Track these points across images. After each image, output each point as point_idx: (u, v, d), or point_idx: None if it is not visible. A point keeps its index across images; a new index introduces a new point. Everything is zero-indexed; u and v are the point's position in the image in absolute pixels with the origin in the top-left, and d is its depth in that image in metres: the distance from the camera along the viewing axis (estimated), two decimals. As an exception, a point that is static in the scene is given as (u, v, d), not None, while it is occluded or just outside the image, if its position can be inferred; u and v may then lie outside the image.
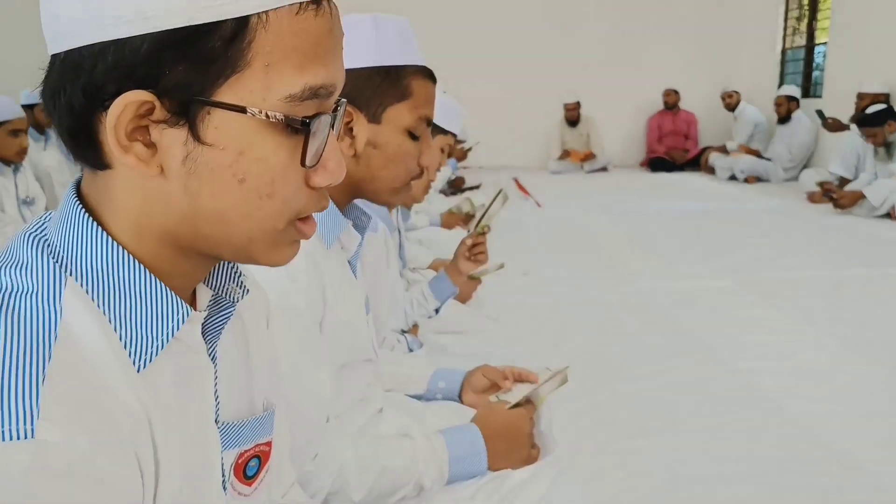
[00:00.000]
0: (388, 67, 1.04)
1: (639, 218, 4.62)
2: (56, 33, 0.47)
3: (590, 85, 7.61)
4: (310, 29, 0.48)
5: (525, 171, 7.44)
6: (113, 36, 0.44)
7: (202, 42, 0.44)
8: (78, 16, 0.44)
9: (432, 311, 1.92)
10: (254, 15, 0.45)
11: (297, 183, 0.50)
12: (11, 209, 2.84)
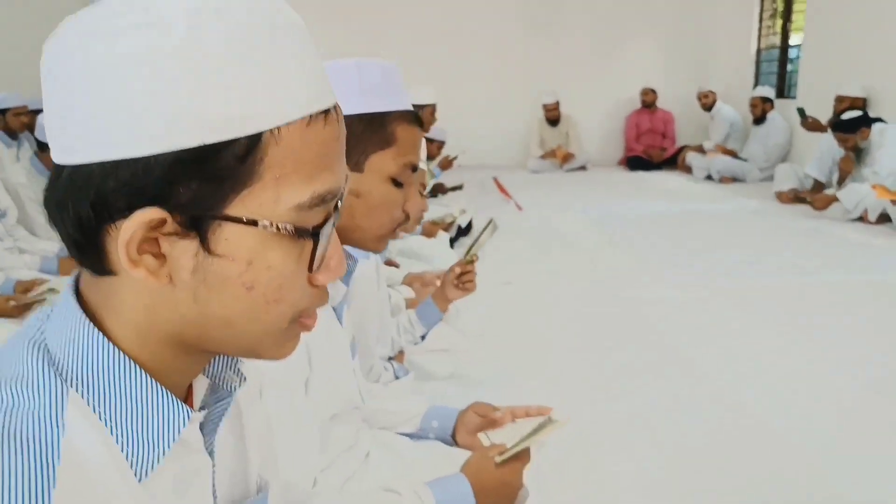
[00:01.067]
0: (372, 115, 1.03)
1: (618, 220, 4.66)
2: (64, 146, 0.46)
3: (569, 83, 7.65)
4: (319, 139, 0.48)
5: (504, 169, 7.46)
6: (126, 155, 0.43)
7: (215, 160, 0.44)
8: (90, 132, 0.44)
9: (419, 337, 1.92)
10: (266, 131, 0.45)
11: (303, 285, 0.50)
12: (-18, 224, 2.78)
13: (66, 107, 0.45)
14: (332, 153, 0.50)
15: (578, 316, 2.78)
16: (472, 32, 7.67)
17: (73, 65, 0.44)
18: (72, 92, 0.44)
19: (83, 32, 0.44)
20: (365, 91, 1.03)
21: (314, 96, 0.48)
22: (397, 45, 7.54)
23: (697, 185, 6.33)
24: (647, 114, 7.58)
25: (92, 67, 0.43)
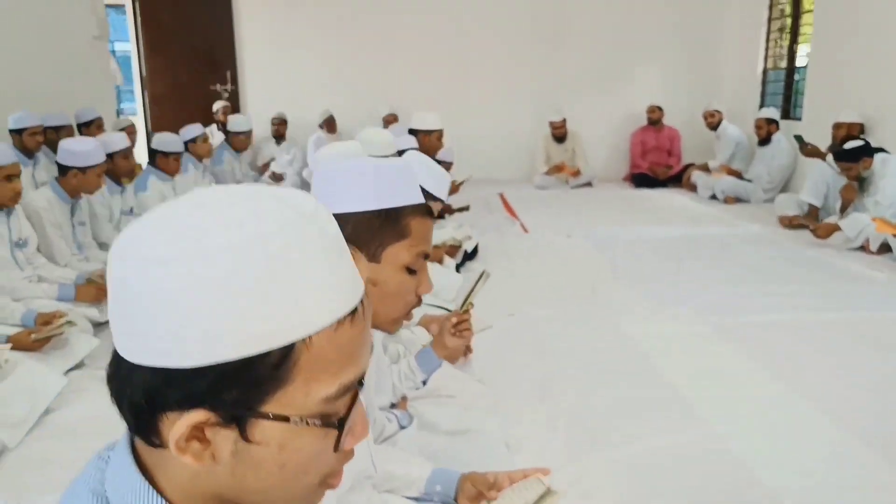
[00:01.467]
0: (388, 210, 1.11)
1: (621, 245, 4.71)
2: (126, 345, 0.53)
3: (576, 100, 7.72)
4: (346, 338, 0.54)
5: (510, 183, 7.52)
6: (176, 365, 0.50)
7: (253, 369, 0.51)
8: (147, 341, 0.51)
9: (419, 383, 2.00)
10: (299, 340, 0.51)
11: (330, 456, 0.57)
12: (4, 252, 2.86)
13: (128, 314, 0.52)
14: (358, 347, 0.56)
15: (579, 351, 2.84)
16: (481, 48, 7.74)
17: (134, 282, 0.51)
18: (131, 304, 0.51)
19: (143, 256, 0.51)
20: (381, 190, 1.11)
21: (343, 301, 0.54)
22: (407, 59, 7.64)
23: (701, 206, 6.38)
24: (652, 131, 7.63)
25: (149, 289, 0.50)
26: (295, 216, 0.53)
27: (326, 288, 0.53)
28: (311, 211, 0.55)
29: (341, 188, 1.12)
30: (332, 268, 0.54)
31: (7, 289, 2.74)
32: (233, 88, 7.65)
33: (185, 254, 0.50)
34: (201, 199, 0.54)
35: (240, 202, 0.53)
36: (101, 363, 2.70)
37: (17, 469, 1.97)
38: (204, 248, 0.50)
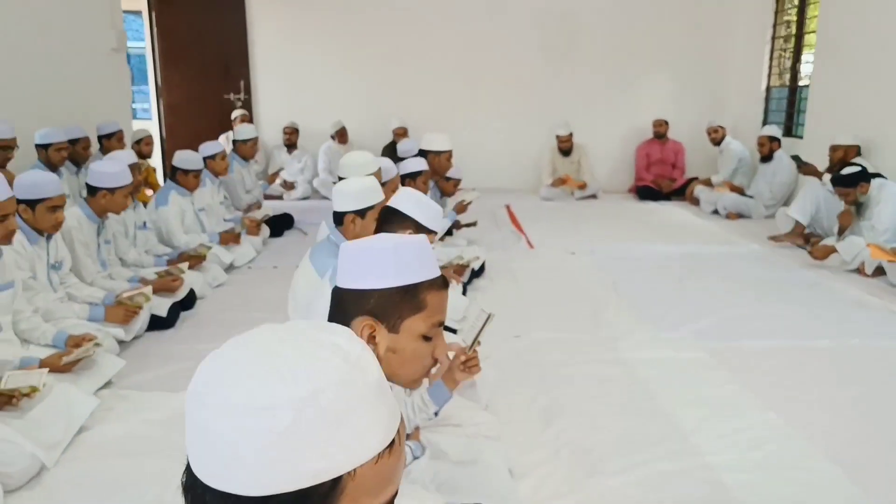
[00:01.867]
0: (406, 287, 1.23)
1: (624, 263, 4.84)
2: (200, 469, 0.63)
3: (583, 112, 7.85)
4: (385, 467, 0.65)
5: (516, 194, 7.66)
6: (242, 493, 0.60)
7: (307, 498, 0.61)
8: (219, 470, 0.61)
9: (432, 414, 2.13)
10: (345, 473, 0.61)
11: None
12: (41, 275, 3.01)
13: (205, 448, 0.62)
14: (394, 471, 0.67)
15: (581, 378, 2.96)
16: (490, 62, 7.88)
17: (210, 425, 0.62)
18: (209, 442, 0.62)
19: (217, 405, 0.61)
20: (401, 268, 1.23)
21: (382, 437, 0.65)
22: (418, 72, 7.77)
23: (703, 221, 6.50)
24: (657, 144, 7.75)
25: (223, 432, 0.61)
26: (345, 367, 0.64)
27: (369, 428, 0.64)
28: (356, 357, 0.66)
29: (364, 266, 1.24)
30: (374, 409, 0.65)
31: (42, 310, 2.89)
32: (246, 98, 7.80)
33: (252, 407, 0.61)
34: (266, 347, 0.66)
35: (299, 355, 0.64)
36: (127, 382, 2.85)
37: (55, 488, 2.11)
38: (268, 404, 0.60)
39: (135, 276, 3.70)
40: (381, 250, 1.24)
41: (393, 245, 1.25)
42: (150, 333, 3.40)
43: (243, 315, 3.76)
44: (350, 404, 0.62)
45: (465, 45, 7.80)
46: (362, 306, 1.22)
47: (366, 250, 1.25)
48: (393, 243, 1.25)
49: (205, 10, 7.48)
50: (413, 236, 1.32)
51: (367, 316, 1.22)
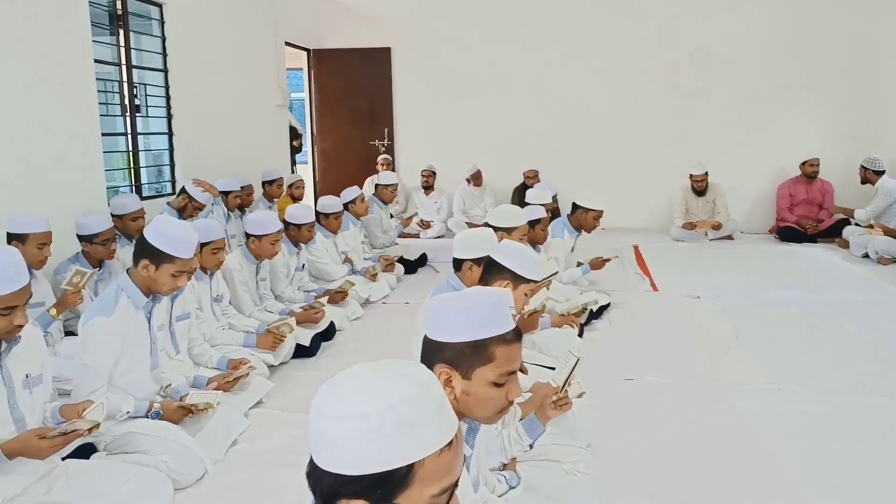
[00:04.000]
0: (476, 342, 1.41)
1: (751, 309, 4.71)
2: (323, 460, 0.91)
3: (719, 151, 7.71)
4: (446, 459, 0.91)
5: (646, 234, 7.60)
6: (347, 472, 0.89)
7: (391, 478, 0.89)
8: (332, 457, 0.89)
9: (526, 446, 2.32)
10: (416, 462, 0.88)
11: None
12: (206, 307, 3.57)
13: (323, 442, 0.91)
14: (453, 464, 0.93)
15: (690, 425, 2.96)
16: (623, 99, 7.97)
17: (325, 425, 0.91)
18: (325, 439, 0.91)
19: (328, 413, 0.90)
20: (471, 324, 1.42)
21: (443, 438, 0.91)
22: (550, 113, 8.02)
23: (851, 265, 6.10)
24: (803, 183, 7.40)
25: (334, 431, 0.90)
26: (414, 388, 0.92)
27: (432, 431, 0.91)
28: (424, 382, 0.94)
29: (442, 320, 1.45)
30: (436, 417, 0.92)
31: (207, 336, 3.44)
32: (389, 143, 8.46)
33: (351, 414, 0.89)
34: (362, 376, 0.95)
35: (383, 380, 0.93)
36: (274, 403, 3.29)
37: (212, 491, 2.53)
38: (361, 412, 0.89)
39: (286, 309, 4.21)
40: (455, 308, 1.44)
41: (466, 303, 1.44)
42: (295, 360, 3.86)
43: (375, 346, 4.15)
44: (417, 413, 0.88)
45: (595, 82, 7.96)
46: (441, 355, 1.44)
47: (444, 306, 1.46)
48: (467, 301, 1.45)
49: (356, 66, 8.26)
50: (492, 292, 1.53)
51: (444, 364, 1.44)
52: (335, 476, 0.89)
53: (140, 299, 2.64)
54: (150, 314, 2.73)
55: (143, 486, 2.30)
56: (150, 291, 2.65)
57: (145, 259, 2.59)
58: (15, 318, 1.99)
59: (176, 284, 2.64)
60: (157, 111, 5.36)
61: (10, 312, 1.98)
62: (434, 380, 0.96)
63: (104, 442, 2.60)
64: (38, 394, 2.23)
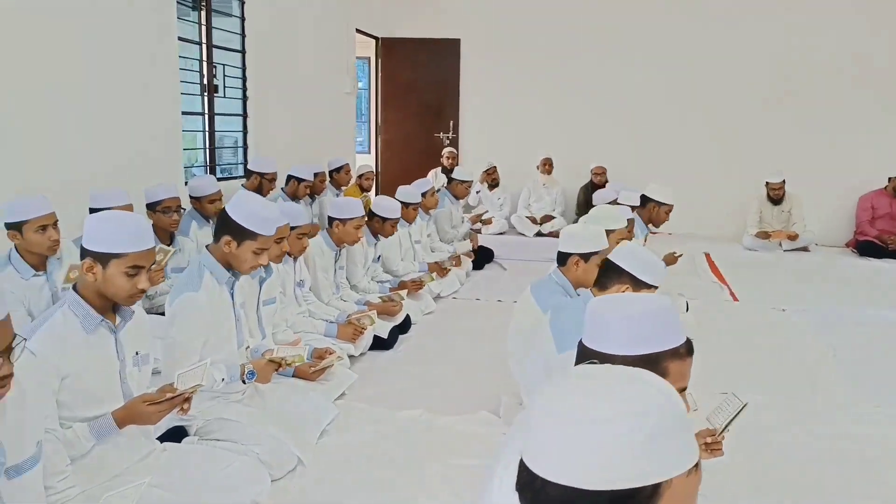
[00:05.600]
0: (648, 356, 1.28)
1: (842, 325, 4.48)
2: (541, 463, 0.78)
3: (798, 160, 7.40)
4: (692, 483, 0.77)
5: (716, 241, 7.35)
6: (584, 486, 0.75)
7: (635, 497, 0.75)
8: (563, 468, 0.76)
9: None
10: (665, 481, 0.75)
11: None
12: (289, 291, 3.50)
13: (553, 449, 0.78)
14: (696, 491, 0.79)
15: (796, 449, 2.79)
16: (696, 102, 7.72)
17: (558, 431, 0.77)
18: (557, 446, 0.77)
19: (564, 416, 0.77)
20: (640, 338, 1.29)
21: (692, 456, 0.76)
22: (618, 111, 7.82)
23: (941, 285, 5.79)
24: (886, 196, 7.06)
25: (570, 438, 0.76)
26: (661, 396, 0.78)
27: (681, 448, 0.77)
28: (667, 391, 0.80)
29: (606, 330, 1.31)
30: (684, 432, 0.78)
31: (289, 322, 3.37)
32: (454, 136, 8.33)
33: (595, 419, 0.76)
34: (596, 378, 0.83)
35: (626, 383, 0.80)
36: (357, 395, 3.20)
37: (305, 484, 2.45)
38: (608, 417, 0.76)
39: (361, 299, 4.13)
40: (621, 318, 1.30)
41: (634, 312, 1.30)
42: (371, 352, 3.77)
43: (451, 342, 4.05)
44: (668, 424, 0.76)
45: (667, 85, 7.74)
46: None
47: (608, 315, 1.32)
48: (634, 312, 1.31)
49: (424, 57, 8.14)
50: (659, 300, 1.39)
51: None
52: (565, 489, 0.77)
53: (222, 275, 2.57)
54: (233, 290, 2.66)
55: (242, 474, 2.23)
56: (231, 268, 2.59)
57: (227, 235, 2.52)
58: (139, 280, 1.94)
59: (257, 262, 2.57)
60: (234, 92, 5.33)
61: (136, 273, 1.93)
62: (674, 390, 0.82)
63: (195, 426, 2.54)
64: (145, 373, 2.19)
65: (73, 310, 1.94)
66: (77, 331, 1.93)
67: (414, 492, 2.41)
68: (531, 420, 0.82)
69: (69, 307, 1.95)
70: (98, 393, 1.98)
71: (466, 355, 3.82)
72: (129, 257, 1.91)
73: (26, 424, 1.57)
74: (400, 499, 2.37)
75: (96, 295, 1.96)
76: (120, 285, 1.92)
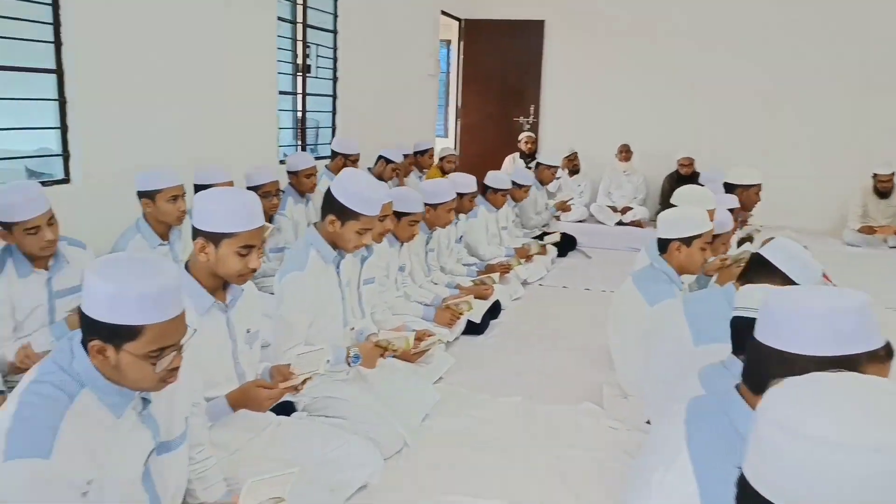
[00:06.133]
0: (842, 357, 1.13)
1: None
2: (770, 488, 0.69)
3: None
4: None
5: (811, 235, 6.97)
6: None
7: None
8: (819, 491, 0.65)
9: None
10: None
11: None
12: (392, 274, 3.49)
13: (778, 468, 0.68)
14: None
15: None
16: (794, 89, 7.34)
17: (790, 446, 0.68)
18: (786, 464, 0.68)
19: (815, 435, 0.66)
20: (836, 338, 1.14)
21: None
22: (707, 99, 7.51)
23: None
24: None
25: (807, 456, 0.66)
26: None
27: None
28: None
29: (798, 329, 1.16)
30: None
31: (389, 304, 3.35)
32: (534, 121, 8.18)
33: (855, 446, 0.64)
34: (858, 393, 0.71)
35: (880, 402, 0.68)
36: (454, 379, 3.16)
37: (412, 466, 2.41)
38: (875, 446, 0.64)
39: (451, 281, 4.08)
40: (815, 315, 1.16)
41: (831, 310, 1.16)
42: (464, 337, 3.71)
43: (542, 329, 3.97)
44: None
45: (760, 73, 7.35)
46: (788, 369, 1.10)
47: (798, 310, 1.18)
48: (830, 308, 1.16)
49: (507, 38, 8.00)
50: (854, 296, 1.24)
51: None
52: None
53: (329, 253, 2.55)
54: (339, 269, 2.64)
55: (357, 453, 2.21)
56: (336, 247, 2.56)
57: (332, 215, 2.49)
58: (251, 260, 1.91)
59: (361, 242, 2.53)
60: (325, 72, 5.34)
61: (247, 252, 1.90)
62: None
63: (303, 402, 2.54)
64: (255, 350, 2.18)
65: (184, 292, 1.93)
66: (190, 313, 1.93)
67: (524, 481, 2.35)
68: (760, 434, 0.72)
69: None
70: (214, 376, 1.98)
71: (559, 343, 3.73)
72: (241, 237, 1.88)
73: (177, 402, 1.57)
74: (511, 487, 2.31)
75: (208, 275, 1.94)
76: (231, 265, 1.90)
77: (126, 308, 1.32)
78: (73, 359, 1.38)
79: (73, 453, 1.29)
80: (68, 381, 1.36)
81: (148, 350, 1.35)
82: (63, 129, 3.19)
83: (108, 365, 1.36)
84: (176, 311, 1.39)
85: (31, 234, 2.33)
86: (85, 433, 1.33)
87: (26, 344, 2.39)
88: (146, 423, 1.50)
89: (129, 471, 1.47)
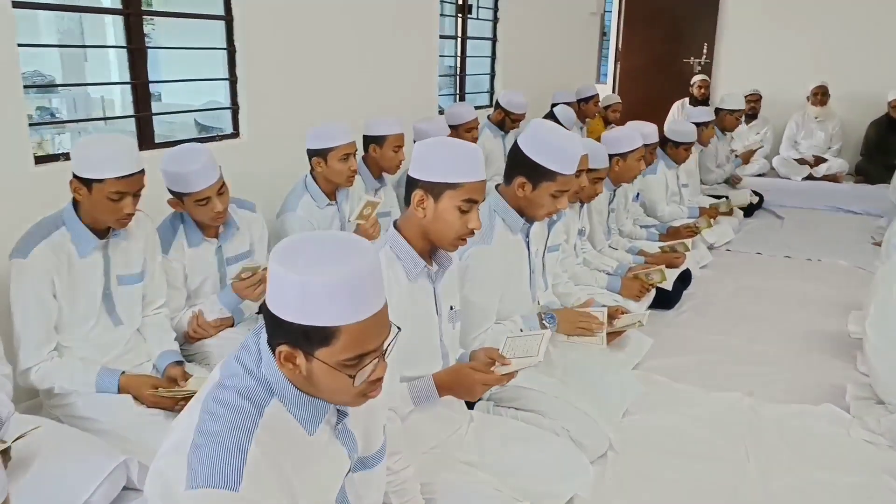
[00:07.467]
0: None
1: None
2: None
3: None
4: None
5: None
6: None
7: None
8: None
9: None
10: None
11: None
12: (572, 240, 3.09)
13: None
14: None
15: None
16: None
17: None
18: None
19: None
20: None
21: None
22: None
23: None
24: None
25: None
26: None
27: None
28: None
29: None
30: None
31: (570, 274, 2.96)
32: (707, 62, 7.29)
33: None
34: None
35: None
36: (651, 365, 2.72)
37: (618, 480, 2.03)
38: None
39: (633, 247, 3.61)
40: None
41: None
42: (652, 311, 3.23)
43: (744, 304, 3.44)
44: None
45: None
46: None
47: None
48: None
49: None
50: None
51: None
52: None
53: (516, 222, 2.21)
54: (528, 238, 2.30)
55: (563, 460, 1.87)
56: (525, 214, 2.20)
57: (521, 177, 2.12)
58: (470, 219, 1.64)
59: (555, 206, 2.17)
60: (485, 13, 4.90)
61: (469, 209, 1.63)
62: None
63: (489, 392, 2.21)
64: (457, 332, 1.91)
65: (395, 252, 1.65)
66: (401, 278, 1.64)
67: (760, 500, 1.91)
68: None
69: (391, 248, 1.65)
70: (419, 352, 1.72)
71: (772, 324, 3.17)
72: (465, 188, 1.60)
73: (377, 410, 1.28)
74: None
75: (420, 236, 1.67)
76: (451, 222, 1.62)
77: (315, 304, 1.00)
78: (262, 362, 1.10)
79: (263, 482, 1.02)
80: (256, 389, 1.08)
81: (344, 358, 1.03)
82: (232, 81, 3.03)
83: (299, 375, 1.06)
84: (376, 305, 1.04)
85: (201, 205, 2.20)
86: (277, 455, 1.06)
87: (198, 312, 2.31)
88: (342, 439, 1.22)
89: (323, 497, 1.20)
